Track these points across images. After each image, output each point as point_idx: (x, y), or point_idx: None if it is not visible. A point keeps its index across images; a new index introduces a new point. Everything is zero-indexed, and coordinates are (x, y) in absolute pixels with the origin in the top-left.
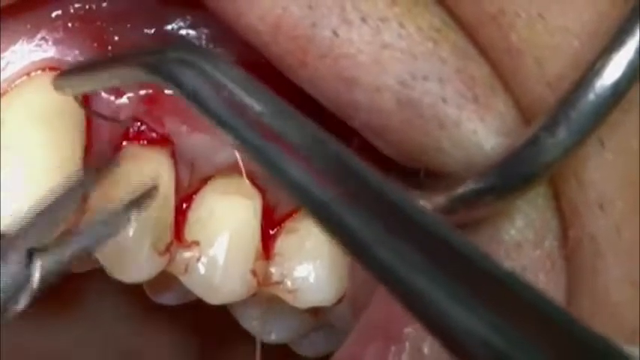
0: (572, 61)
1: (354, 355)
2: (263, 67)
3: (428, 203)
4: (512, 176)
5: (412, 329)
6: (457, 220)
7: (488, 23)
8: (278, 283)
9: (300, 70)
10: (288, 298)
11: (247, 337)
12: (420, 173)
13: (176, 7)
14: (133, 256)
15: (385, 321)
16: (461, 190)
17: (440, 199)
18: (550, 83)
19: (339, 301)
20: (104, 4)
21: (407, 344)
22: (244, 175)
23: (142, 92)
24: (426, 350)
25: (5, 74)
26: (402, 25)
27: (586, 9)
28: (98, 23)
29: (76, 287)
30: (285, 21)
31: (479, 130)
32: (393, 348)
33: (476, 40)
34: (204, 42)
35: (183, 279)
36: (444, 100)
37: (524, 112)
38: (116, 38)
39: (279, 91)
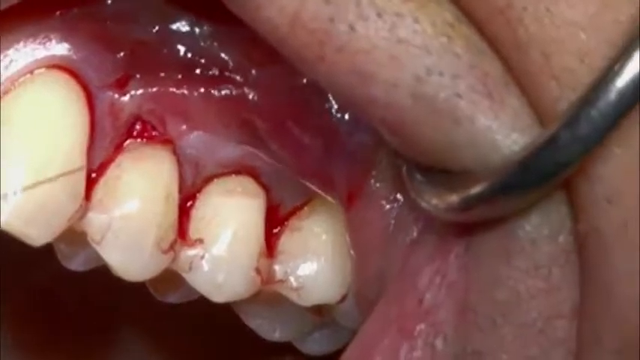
0: (578, 54)
1: (364, 351)
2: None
3: (441, 202)
4: (532, 175)
5: (425, 325)
6: (472, 218)
7: (496, 17)
8: (282, 281)
9: (317, 64)
10: (292, 296)
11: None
12: (434, 171)
13: (180, 6)
14: (136, 254)
15: (397, 317)
16: (478, 188)
17: (454, 198)
18: (556, 76)
19: (343, 298)
20: (108, 3)
21: (419, 341)
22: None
23: (145, 90)
24: (439, 346)
25: (8, 72)
26: (416, 21)
27: (592, 1)
28: (102, 21)
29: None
30: (303, 13)
31: (493, 127)
32: (405, 344)
33: (485, 35)
34: (207, 41)
35: (187, 277)
36: (459, 96)
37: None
38: (120, 37)
39: (272, 103)
